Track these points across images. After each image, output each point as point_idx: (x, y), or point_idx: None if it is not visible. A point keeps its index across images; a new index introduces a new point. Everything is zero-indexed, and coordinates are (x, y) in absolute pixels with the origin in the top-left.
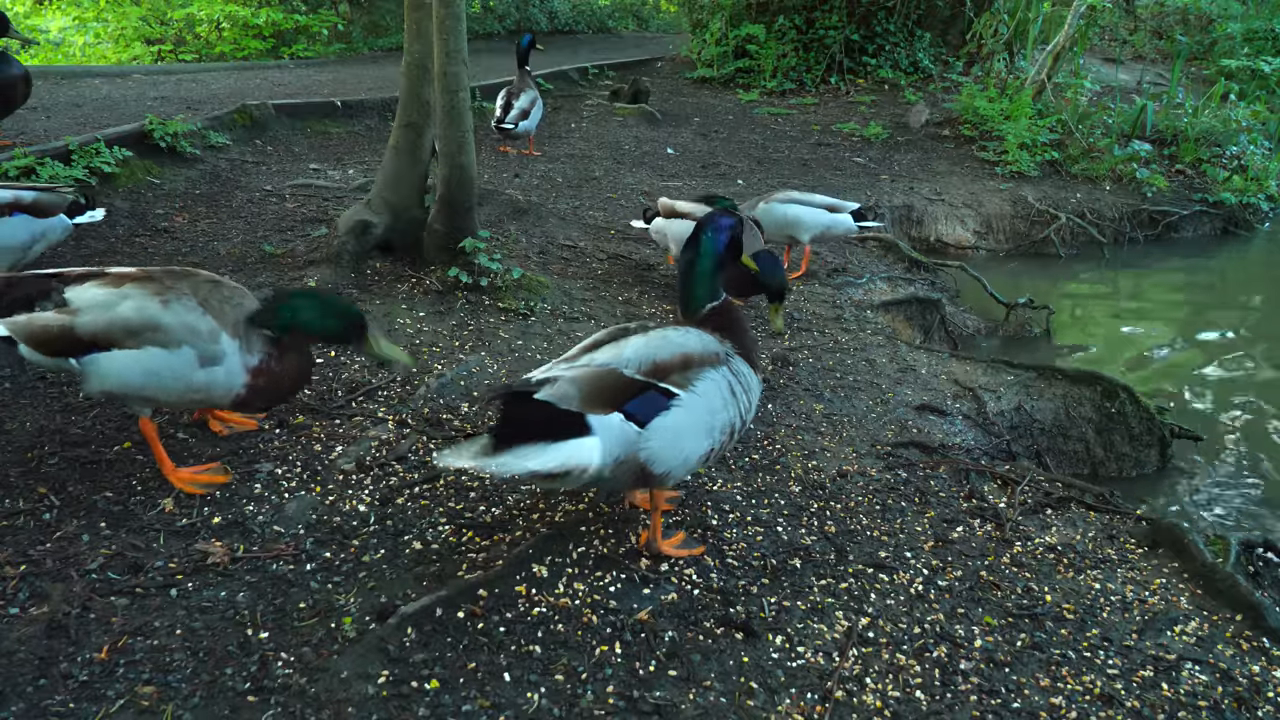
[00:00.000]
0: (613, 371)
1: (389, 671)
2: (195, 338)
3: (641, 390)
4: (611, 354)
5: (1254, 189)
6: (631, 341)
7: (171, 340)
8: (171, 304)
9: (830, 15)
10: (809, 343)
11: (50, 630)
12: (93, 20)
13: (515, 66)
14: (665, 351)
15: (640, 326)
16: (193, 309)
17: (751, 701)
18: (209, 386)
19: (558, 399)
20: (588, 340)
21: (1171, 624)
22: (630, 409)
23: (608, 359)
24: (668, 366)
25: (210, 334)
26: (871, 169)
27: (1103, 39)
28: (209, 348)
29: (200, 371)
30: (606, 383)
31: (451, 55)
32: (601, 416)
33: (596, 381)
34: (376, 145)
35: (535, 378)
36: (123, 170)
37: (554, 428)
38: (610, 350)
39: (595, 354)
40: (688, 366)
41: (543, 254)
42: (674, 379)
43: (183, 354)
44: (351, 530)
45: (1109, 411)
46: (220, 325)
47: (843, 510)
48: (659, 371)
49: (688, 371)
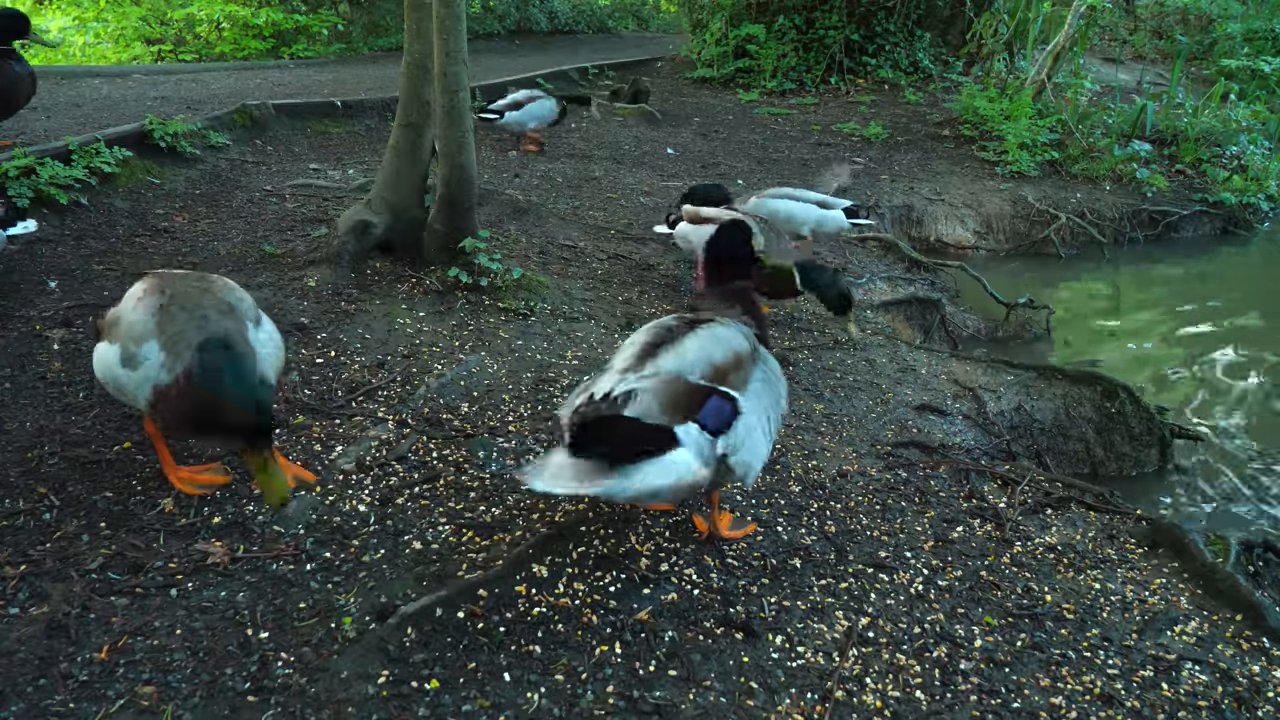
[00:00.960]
0: (680, 379)
1: (389, 671)
2: (128, 336)
3: (706, 396)
4: (675, 360)
5: (1254, 189)
6: (688, 344)
7: (118, 335)
8: (140, 302)
9: (830, 15)
10: (809, 343)
11: (50, 630)
12: (93, 20)
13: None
14: (720, 353)
15: (682, 322)
16: (148, 309)
17: (751, 701)
18: (124, 387)
19: (644, 414)
20: (637, 342)
21: (1171, 624)
22: (701, 417)
23: (674, 366)
24: (724, 368)
25: (139, 337)
26: (872, 169)
27: (1103, 39)
28: (130, 349)
29: (120, 369)
30: (679, 391)
31: (451, 55)
32: (682, 427)
33: (670, 391)
34: (376, 145)
35: (615, 392)
36: (123, 170)
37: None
38: (673, 356)
39: (659, 360)
40: (740, 366)
41: (543, 254)
42: (731, 380)
43: (114, 349)
44: (351, 530)
45: (1109, 411)
46: (157, 332)
47: (843, 510)
48: (718, 374)
49: (740, 371)
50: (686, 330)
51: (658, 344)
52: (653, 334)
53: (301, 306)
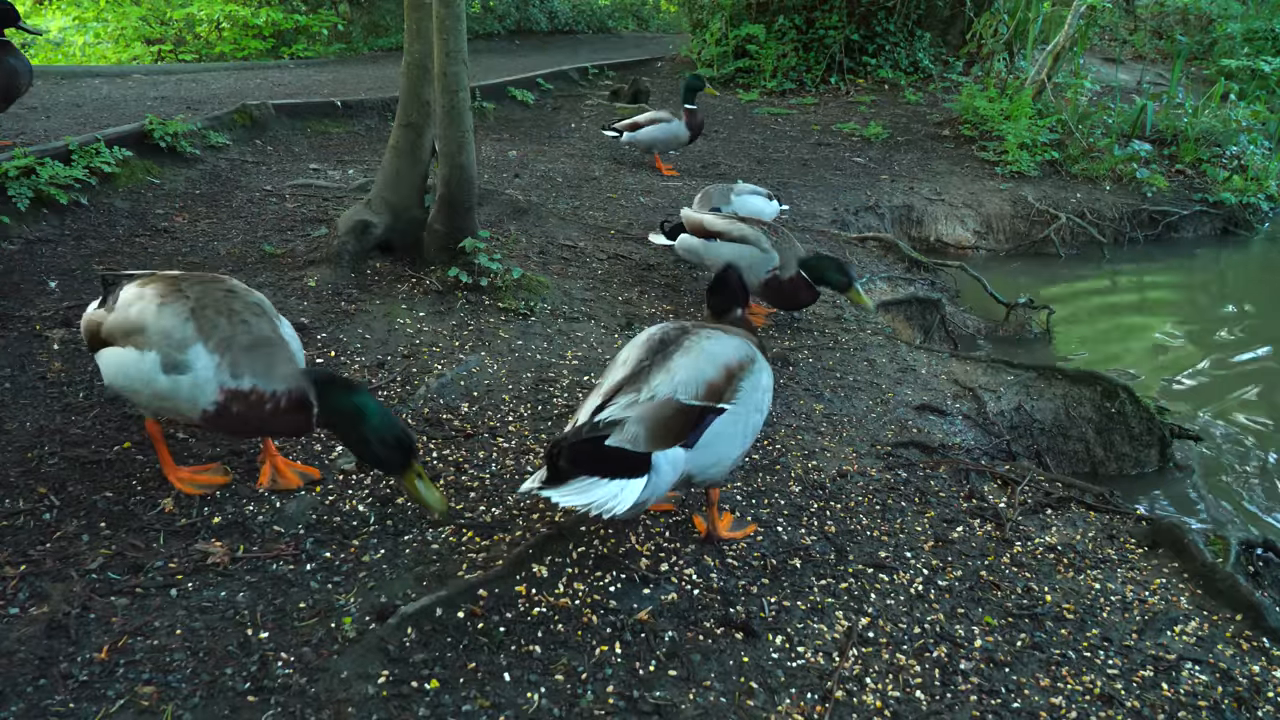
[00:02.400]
0: (671, 403)
1: (389, 671)
2: (166, 343)
3: (700, 418)
4: (666, 382)
5: (1254, 189)
6: (680, 363)
7: (147, 342)
8: (164, 308)
9: (830, 15)
10: (809, 343)
11: (50, 630)
12: (93, 20)
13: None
14: (712, 370)
15: (680, 332)
16: (179, 314)
17: (751, 701)
18: (174, 394)
19: (629, 443)
20: (630, 359)
21: (1171, 624)
22: (691, 439)
23: (668, 390)
24: (718, 386)
25: (180, 343)
26: (871, 169)
27: (1103, 39)
28: (173, 355)
29: (164, 377)
30: (669, 417)
31: (451, 55)
32: (665, 452)
33: (661, 418)
34: (376, 145)
35: (602, 419)
36: (123, 170)
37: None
38: (664, 378)
39: (654, 381)
40: (731, 379)
41: (543, 254)
42: (725, 396)
43: (148, 357)
44: (351, 530)
45: (1109, 411)
46: (199, 335)
47: (843, 510)
48: (713, 393)
49: (732, 383)
50: (681, 345)
51: (648, 360)
52: (646, 349)
53: (301, 306)
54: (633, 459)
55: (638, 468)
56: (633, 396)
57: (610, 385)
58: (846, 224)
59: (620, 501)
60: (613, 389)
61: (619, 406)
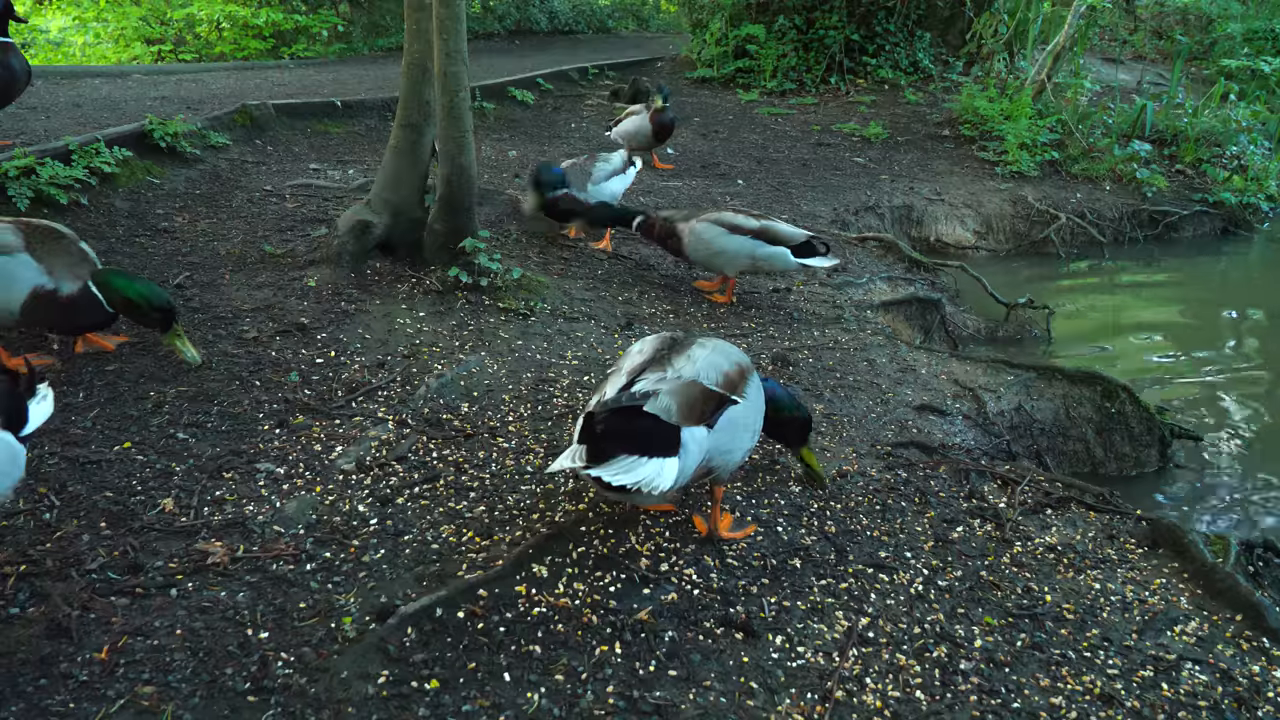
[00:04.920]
0: (697, 384)
1: (389, 671)
2: None
3: (720, 404)
4: (689, 367)
5: (1254, 189)
6: (698, 354)
7: None
8: None
9: (830, 15)
10: (809, 343)
11: (50, 630)
12: (93, 20)
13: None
14: (727, 364)
15: (685, 337)
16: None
17: (751, 701)
18: None
19: (664, 412)
20: (646, 350)
21: (1171, 624)
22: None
23: (691, 374)
24: (733, 379)
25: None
26: (871, 169)
27: (1103, 39)
28: None
29: None
30: (696, 395)
31: (451, 55)
32: (692, 431)
33: (690, 395)
34: (376, 145)
35: (638, 389)
36: (123, 170)
37: (657, 445)
38: (686, 364)
39: (678, 364)
40: (742, 376)
41: (543, 254)
42: (738, 390)
43: None
44: (351, 530)
45: (1109, 411)
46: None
47: (843, 510)
48: (730, 384)
49: (743, 379)
50: (694, 343)
51: (666, 352)
52: (660, 346)
53: (301, 306)
54: (666, 435)
55: (670, 446)
56: (660, 374)
57: (632, 367)
58: (846, 224)
59: (662, 480)
60: (636, 369)
61: (649, 381)
